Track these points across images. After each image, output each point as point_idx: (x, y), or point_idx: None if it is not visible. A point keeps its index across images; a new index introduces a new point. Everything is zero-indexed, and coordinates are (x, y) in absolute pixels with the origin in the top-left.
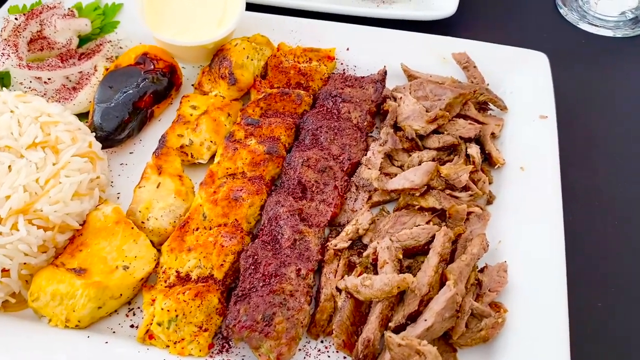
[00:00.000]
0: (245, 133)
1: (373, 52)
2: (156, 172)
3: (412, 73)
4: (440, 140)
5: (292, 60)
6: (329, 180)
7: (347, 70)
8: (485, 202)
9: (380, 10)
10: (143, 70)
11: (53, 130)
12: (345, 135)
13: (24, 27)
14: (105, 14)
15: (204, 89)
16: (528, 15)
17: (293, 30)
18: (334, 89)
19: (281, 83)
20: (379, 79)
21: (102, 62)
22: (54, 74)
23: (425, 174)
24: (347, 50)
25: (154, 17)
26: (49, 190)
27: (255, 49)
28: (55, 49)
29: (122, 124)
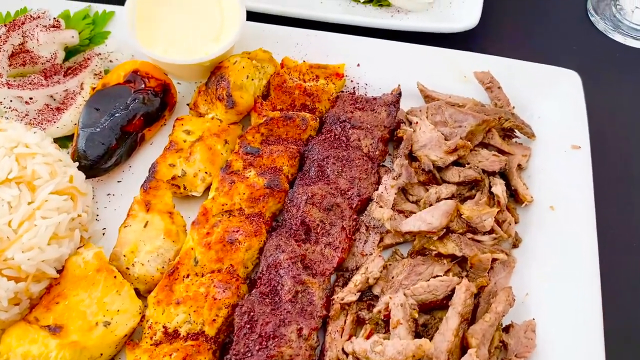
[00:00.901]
0: (244, 163)
1: (386, 68)
2: (144, 209)
3: (429, 93)
4: (461, 174)
5: (297, 78)
6: (335, 220)
7: (357, 89)
8: (511, 246)
9: (395, 21)
10: (133, 90)
11: (30, 163)
12: (355, 167)
13: (5, 39)
14: (95, 23)
15: (200, 110)
16: (556, 24)
17: (299, 43)
18: (342, 112)
19: (285, 104)
20: (393, 100)
21: (90, 78)
22: (36, 93)
23: (444, 215)
24: (358, 67)
25: (145, 32)
26: (23, 234)
27: (257, 67)
28: (38, 64)
29: (109, 151)
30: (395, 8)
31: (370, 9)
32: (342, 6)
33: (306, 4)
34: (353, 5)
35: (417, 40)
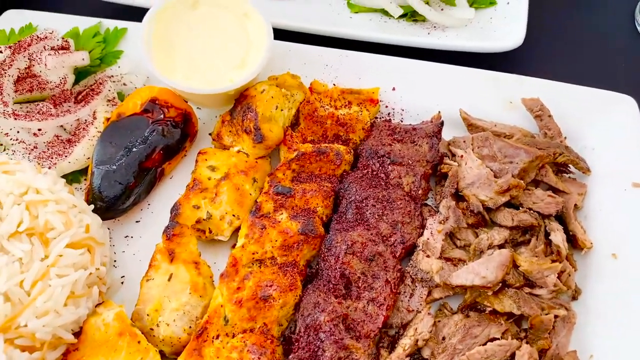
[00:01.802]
0: (275, 204)
1: (424, 92)
2: (167, 259)
3: (473, 122)
4: (515, 218)
5: (328, 105)
6: (378, 272)
7: (392, 115)
8: (570, 298)
9: (432, 39)
10: (151, 121)
11: (42, 212)
12: (397, 209)
13: (10, 63)
14: (106, 42)
15: (224, 142)
16: (604, 42)
17: (328, 64)
18: (380, 144)
19: (316, 135)
20: (435, 131)
21: (103, 106)
22: (45, 124)
23: (500, 267)
24: (393, 91)
25: (163, 56)
26: (36, 297)
27: (286, 96)
28: (47, 90)
29: (127, 191)
30: (431, 24)
31: (404, 25)
32: (373, 21)
33: (334, 20)
34: (385, 21)
35: (451, 58)
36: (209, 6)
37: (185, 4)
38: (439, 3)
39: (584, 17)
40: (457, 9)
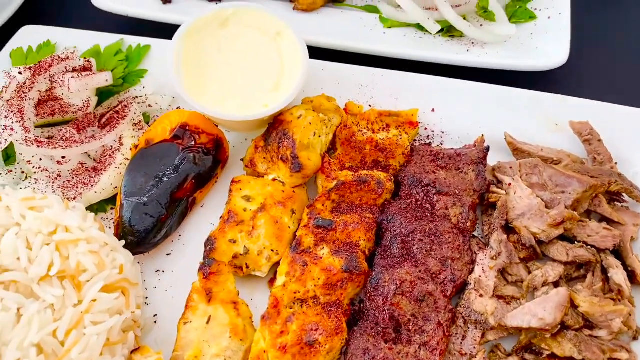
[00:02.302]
0: (315, 239)
1: (465, 113)
2: (205, 300)
3: (519, 146)
4: (570, 253)
5: (366, 129)
6: (429, 314)
7: (432, 137)
8: (631, 339)
9: (472, 57)
10: (182, 147)
11: (72, 253)
12: (445, 244)
13: (30, 85)
14: (128, 60)
15: (258, 169)
16: None
17: (363, 84)
18: (423, 172)
19: (354, 162)
20: (480, 157)
21: (129, 130)
22: (69, 152)
23: (558, 308)
24: (433, 112)
25: (193, 79)
26: (71, 348)
27: (324, 121)
28: (69, 113)
29: (159, 224)
30: (469, 39)
31: (441, 41)
32: (408, 37)
33: (367, 36)
34: (420, 37)
35: (487, 75)
36: (240, 25)
37: (215, 23)
38: (478, 18)
39: (631, 33)
40: (497, 24)
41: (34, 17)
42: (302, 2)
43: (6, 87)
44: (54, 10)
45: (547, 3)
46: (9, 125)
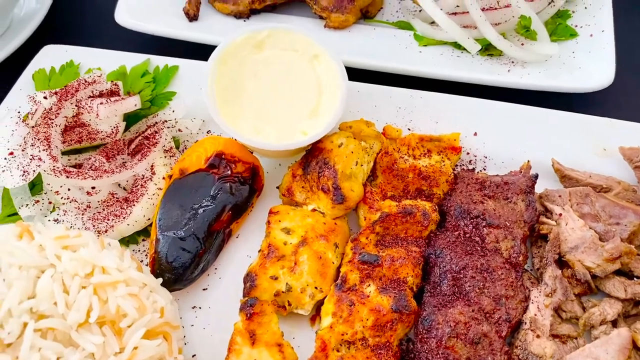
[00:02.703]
0: (361, 275)
1: (509, 137)
2: (248, 342)
3: (567, 173)
4: (629, 290)
5: (407, 155)
6: (485, 356)
7: (474, 162)
8: None
9: (514, 78)
10: (217, 177)
11: (111, 296)
12: (498, 281)
13: (57, 111)
14: (156, 82)
15: (296, 198)
16: None
17: (401, 106)
18: (470, 202)
19: (397, 190)
20: (528, 185)
21: (160, 158)
22: (100, 183)
23: (621, 351)
24: (475, 136)
25: (229, 106)
26: None
27: (365, 149)
28: (97, 140)
29: (196, 259)
30: (508, 58)
31: (479, 60)
32: (445, 56)
33: (403, 55)
34: (458, 55)
35: (525, 95)
36: (275, 48)
37: (249, 46)
38: (517, 36)
39: None
40: (538, 43)
41: (55, 35)
42: (334, 20)
43: (32, 113)
44: (76, 27)
45: (588, 19)
46: (37, 155)
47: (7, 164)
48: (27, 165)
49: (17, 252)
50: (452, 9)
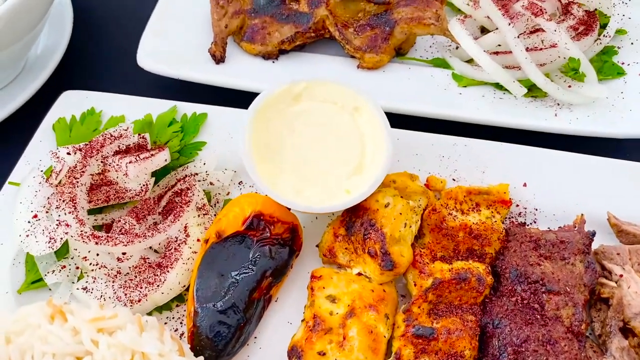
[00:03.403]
0: (415, 350)
1: (559, 187)
2: None
3: (625, 228)
4: None
5: (454, 210)
6: None
7: (524, 215)
8: None
9: (563, 124)
10: (256, 239)
11: None
12: (561, 353)
13: (82, 169)
14: (184, 131)
15: (339, 260)
16: None
17: (444, 155)
18: (527, 265)
19: (447, 251)
20: (585, 243)
21: (194, 217)
22: (131, 249)
23: None
24: (524, 187)
25: (267, 164)
26: None
27: (414, 209)
28: (125, 198)
29: (237, 332)
30: (553, 100)
31: (524, 102)
32: (487, 98)
33: (442, 99)
34: (500, 97)
35: (575, 139)
36: (313, 100)
37: (286, 100)
38: (561, 76)
39: None
40: (586, 85)
41: (72, 78)
42: (368, 61)
43: (56, 173)
44: (94, 69)
45: (636, 56)
46: (63, 219)
47: (32, 227)
48: (53, 230)
49: (50, 338)
50: (493, 48)
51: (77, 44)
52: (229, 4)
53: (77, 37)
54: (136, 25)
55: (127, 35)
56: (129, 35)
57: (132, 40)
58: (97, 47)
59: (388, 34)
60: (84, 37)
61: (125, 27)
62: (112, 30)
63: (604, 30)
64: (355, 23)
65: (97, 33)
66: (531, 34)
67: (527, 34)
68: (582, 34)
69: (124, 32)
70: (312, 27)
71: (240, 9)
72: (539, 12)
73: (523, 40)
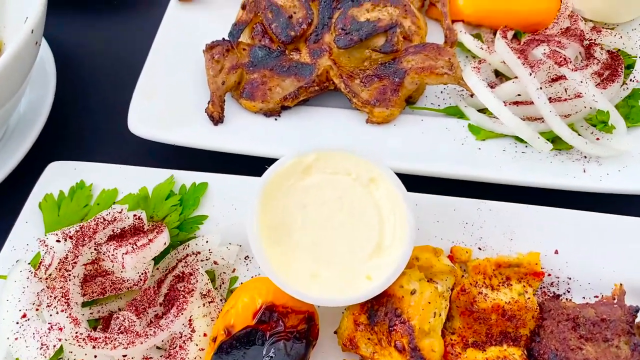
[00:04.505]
0: None
1: (594, 253)
2: None
3: None
4: None
5: (485, 287)
6: None
7: (557, 285)
8: None
9: (593, 182)
10: (269, 334)
11: None
12: None
13: (73, 260)
14: (183, 204)
15: (361, 352)
16: None
17: (468, 222)
18: (568, 350)
19: (479, 336)
20: (627, 321)
21: (199, 307)
22: (132, 350)
23: None
24: (556, 254)
25: (278, 247)
26: None
27: (442, 294)
28: (123, 289)
29: None
30: (579, 153)
31: (549, 157)
32: (508, 153)
33: (461, 155)
34: (523, 151)
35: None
36: (325, 172)
37: (295, 174)
38: (591, 128)
39: None
40: (616, 138)
41: (57, 145)
42: (377, 115)
43: (46, 265)
44: (82, 136)
45: None
46: (55, 322)
47: (21, 329)
48: (45, 335)
49: None
50: (512, 98)
51: (62, 107)
52: (225, 57)
53: (61, 99)
54: (127, 83)
55: (118, 95)
56: (120, 95)
57: (123, 100)
58: (84, 110)
59: (398, 85)
60: (69, 98)
61: (115, 86)
62: (100, 90)
63: (629, 72)
64: (361, 73)
65: (83, 94)
66: (553, 82)
67: (549, 82)
68: (607, 80)
69: (114, 92)
70: (315, 79)
71: (237, 63)
72: (563, 62)
73: (545, 89)
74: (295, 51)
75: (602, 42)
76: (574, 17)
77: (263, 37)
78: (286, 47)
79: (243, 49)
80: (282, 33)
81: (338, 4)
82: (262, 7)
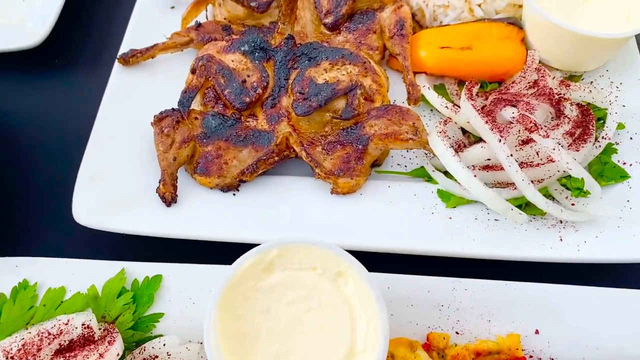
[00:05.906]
0: None
1: (576, 330)
2: None
3: None
4: None
5: None
6: None
7: None
8: None
9: (571, 252)
10: None
11: None
12: None
13: None
14: (136, 301)
15: None
16: None
17: (444, 304)
18: None
19: None
20: None
21: None
22: None
23: None
24: (537, 334)
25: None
26: None
27: None
28: None
29: None
30: (554, 219)
31: (524, 225)
32: (480, 221)
33: (431, 229)
34: (496, 219)
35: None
36: (289, 269)
37: (257, 272)
38: (566, 192)
39: None
40: (592, 202)
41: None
42: (343, 186)
43: None
44: (23, 227)
45: (636, 154)
46: None
47: None
48: None
49: None
50: (481, 163)
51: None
52: (175, 130)
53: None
54: (72, 158)
55: (61, 172)
56: (63, 172)
57: (69, 179)
58: (23, 194)
59: (362, 152)
60: (5, 180)
61: (57, 162)
62: (42, 168)
63: (600, 124)
64: (322, 139)
65: (22, 175)
66: (524, 145)
67: (519, 145)
68: (579, 139)
69: (57, 169)
70: (274, 149)
71: (189, 135)
72: (534, 128)
73: (516, 152)
74: (251, 117)
75: (571, 96)
76: (541, 70)
77: (216, 104)
78: (241, 113)
79: (195, 117)
80: (236, 100)
81: (294, 64)
82: (212, 71)
